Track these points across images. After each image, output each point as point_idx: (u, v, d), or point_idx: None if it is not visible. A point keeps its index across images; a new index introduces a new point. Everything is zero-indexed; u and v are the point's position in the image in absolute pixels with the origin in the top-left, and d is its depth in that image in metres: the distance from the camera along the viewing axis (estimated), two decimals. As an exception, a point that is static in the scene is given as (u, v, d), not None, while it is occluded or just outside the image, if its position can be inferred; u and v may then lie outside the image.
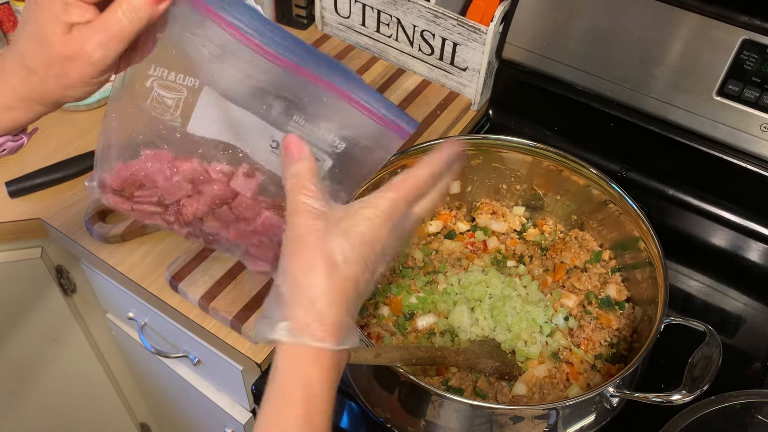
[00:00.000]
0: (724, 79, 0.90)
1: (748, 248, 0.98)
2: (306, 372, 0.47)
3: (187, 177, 0.55)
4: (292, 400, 0.46)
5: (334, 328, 0.47)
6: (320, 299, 0.47)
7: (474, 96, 1.11)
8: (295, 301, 0.47)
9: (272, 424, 0.47)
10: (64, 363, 1.24)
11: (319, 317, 0.47)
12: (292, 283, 0.48)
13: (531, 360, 0.79)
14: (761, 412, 0.72)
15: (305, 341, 0.47)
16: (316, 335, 0.47)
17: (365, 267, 0.49)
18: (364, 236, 0.48)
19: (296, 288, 0.47)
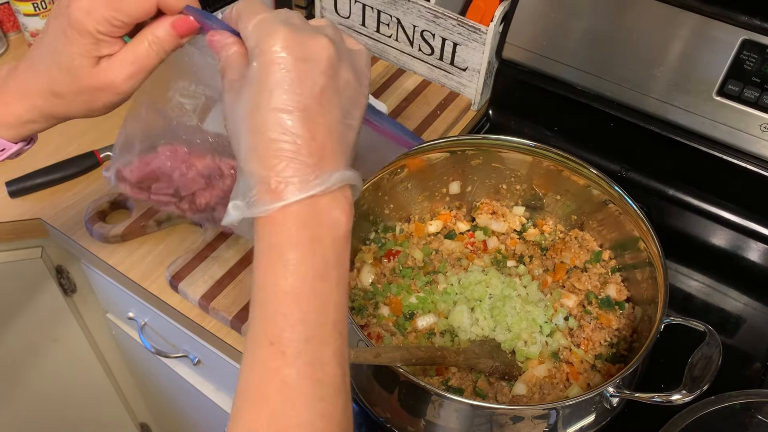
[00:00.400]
0: (724, 79, 0.90)
1: (748, 248, 0.98)
2: (294, 237, 0.40)
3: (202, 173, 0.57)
4: (326, 276, 0.41)
5: (319, 161, 0.40)
6: (273, 135, 0.40)
7: (474, 96, 1.11)
8: (254, 156, 0.40)
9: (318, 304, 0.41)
10: (64, 363, 1.24)
11: (284, 158, 0.40)
12: (241, 141, 0.41)
13: (531, 360, 0.79)
14: (761, 412, 0.72)
15: (283, 200, 0.40)
16: (301, 179, 0.40)
17: (309, 82, 0.41)
18: (261, 69, 0.41)
19: (250, 139, 0.41)
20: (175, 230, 0.93)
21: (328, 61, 0.42)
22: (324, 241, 0.41)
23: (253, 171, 0.41)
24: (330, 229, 0.41)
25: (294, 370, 0.39)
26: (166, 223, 0.92)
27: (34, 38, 1.16)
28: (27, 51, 1.18)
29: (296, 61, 0.41)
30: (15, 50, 1.20)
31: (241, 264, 0.87)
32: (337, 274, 0.42)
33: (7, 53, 1.19)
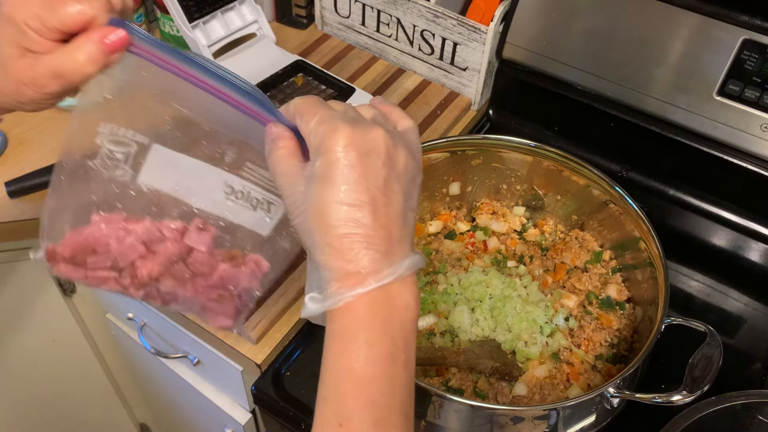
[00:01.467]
0: (724, 79, 0.90)
1: (748, 248, 0.98)
2: (360, 326, 0.42)
3: (140, 238, 0.53)
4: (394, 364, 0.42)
5: (389, 248, 0.43)
6: (346, 230, 0.42)
7: (474, 96, 1.11)
8: (329, 250, 0.42)
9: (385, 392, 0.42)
10: (64, 363, 1.24)
11: (358, 250, 0.42)
12: (317, 234, 0.43)
13: (531, 360, 0.79)
14: (762, 412, 0.72)
15: (360, 288, 0.42)
16: (375, 269, 0.42)
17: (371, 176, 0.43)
18: (330, 165, 0.43)
19: (324, 234, 0.42)
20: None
21: (386, 152, 0.44)
22: (395, 324, 0.43)
23: (329, 263, 0.43)
24: (401, 312, 0.44)
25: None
26: (166, 223, 0.92)
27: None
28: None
29: (360, 156, 0.43)
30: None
31: (240, 264, 0.87)
32: (405, 356, 0.43)
33: (6, 53, 1.19)
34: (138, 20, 1.16)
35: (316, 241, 0.43)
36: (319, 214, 0.43)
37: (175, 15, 0.97)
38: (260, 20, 1.06)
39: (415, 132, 0.49)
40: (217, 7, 1.00)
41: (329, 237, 0.42)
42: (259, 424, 1.04)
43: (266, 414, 0.84)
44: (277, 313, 0.84)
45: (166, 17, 1.16)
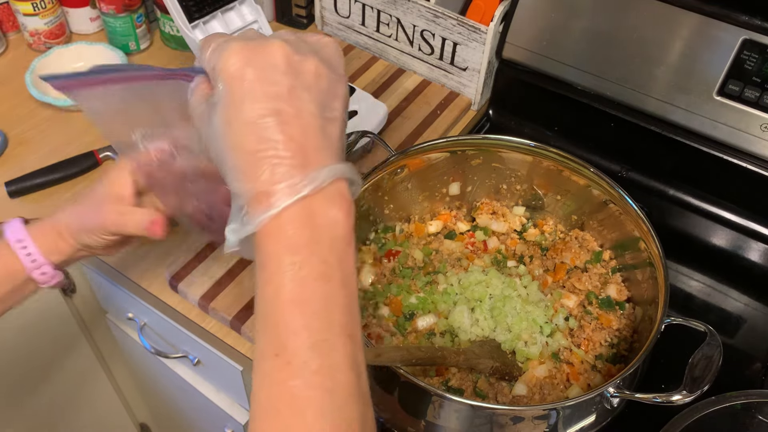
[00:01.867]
0: (724, 79, 0.90)
1: (748, 248, 0.98)
2: (292, 241, 0.39)
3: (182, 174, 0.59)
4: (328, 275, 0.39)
5: (304, 161, 0.39)
6: (250, 147, 0.39)
7: (474, 96, 1.11)
8: (237, 168, 0.40)
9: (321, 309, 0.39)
10: (63, 363, 1.24)
11: (267, 167, 0.39)
12: (226, 155, 0.41)
13: (531, 360, 0.79)
14: (762, 412, 0.72)
15: (273, 209, 0.39)
16: (288, 183, 0.39)
17: (275, 80, 0.41)
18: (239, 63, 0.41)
19: (231, 158, 0.40)
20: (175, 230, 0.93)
21: (285, 61, 0.41)
22: (322, 242, 0.40)
23: (241, 188, 0.40)
24: (328, 228, 0.40)
25: (301, 381, 0.37)
26: (166, 223, 0.92)
27: (33, 38, 1.16)
28: (26, 51, 1.18)
29: (255, 70, 0.40)
30: (14, 50, 1.19)
31: (241, 264, 0.87)
32: (341, 274, 0.40)
33: (6, 53, 1.19)
34: (138, 20, 1.16)
35: (227, 167, 0.41)
36: (223, 139, 0.40)
37: (175, 15, 0.97)
38: (260, 20, 1.06)
39: (332, 47, 0.46)
40: (217, 7, 1.00)
41: (235, 158, 0.40)
42: (259, 424, 1.03)
43: (266, 414, 0.84)
44: (277, 313, 0.84)
45: (166, 17, 1.16)
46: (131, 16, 1.15)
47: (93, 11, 1.20)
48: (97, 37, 1.22)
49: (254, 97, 0.40)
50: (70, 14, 1.20)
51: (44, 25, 1.15)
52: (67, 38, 1.20)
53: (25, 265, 0.62)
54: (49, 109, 1.08)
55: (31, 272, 0.62)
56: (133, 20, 1.15)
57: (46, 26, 1.15)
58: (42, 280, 0.63)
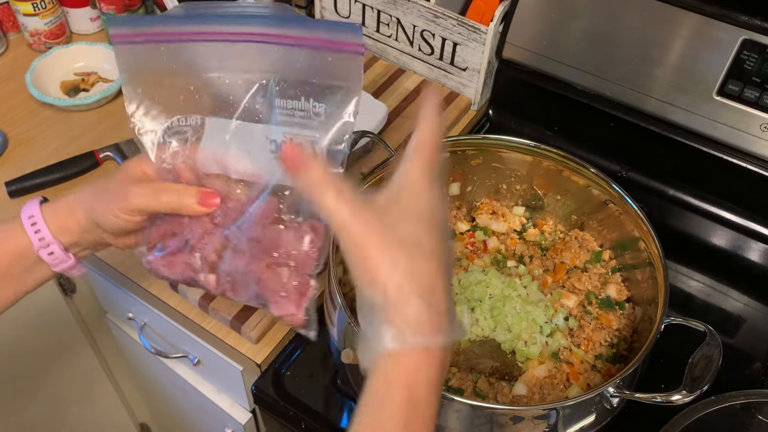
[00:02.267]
0: (724, 79, 0.90)
1: (748, 248, 0.98)
2: (412, 378, 0.43)
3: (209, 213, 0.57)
4: (392, 405, 0.42)
5: (440, 318, 0.43)
6: (415, 289, 0.42)
7: (474, 96, 1.11)
8: (390, 302, 0.42)
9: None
10: (63, 363, 1.24)
11: (422, 310, 0.42)
12: (377, 287, 0.43)
13: (531, 360, 0.79)
14: (761, 412, 0.72)
15: (416, 342, 0.42)
16: (426, 331, 0.42)
17: (438, 238, 0.45)
18: (420, 209, 0.45)
19: (385, 289, 0.43)
20: (175, 230, 0.93)
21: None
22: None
23: (412, 312, 0.43)
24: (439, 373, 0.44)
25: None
26: (166, 223, 0.92)
27: (33, 38, 1.16)
28: (26, 51, 1.18)
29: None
30: (15, 50, 1.20)
31: (241, 264, 0.87)
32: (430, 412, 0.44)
33: (6, 53, 1.19)
34: (138, 20, 1.16)
35: (403, 289, 0.43)
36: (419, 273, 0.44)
37: (176, 15, 0.97)
38: (260, 20, 1.06)
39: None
40: (217, 7, 1.00)
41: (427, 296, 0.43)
42: (259, 423, 1.04)
43: (266, 414, 0.84)
44: (277, 313, 0.84)
45: (167, 17, 1.16)
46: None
47: (93, 11, 1.20)
48: (98, 37, 1.22)
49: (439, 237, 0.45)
50: (71, 14, 1.20)
51: (44, 25, 1.15)
52: (67, 38, 1.20)
53: (33, 242, 0.60)
54: (49, 109, 1.08)
55: (39, 251, 0.60)
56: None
57: (47, 26, 1.15)
58: (50, 261, 0.61)
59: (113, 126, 1.06)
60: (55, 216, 0.61)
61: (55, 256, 0.61)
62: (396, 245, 0.43)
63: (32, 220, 0.60)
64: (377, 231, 0.43)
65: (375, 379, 0.43)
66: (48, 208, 0.61)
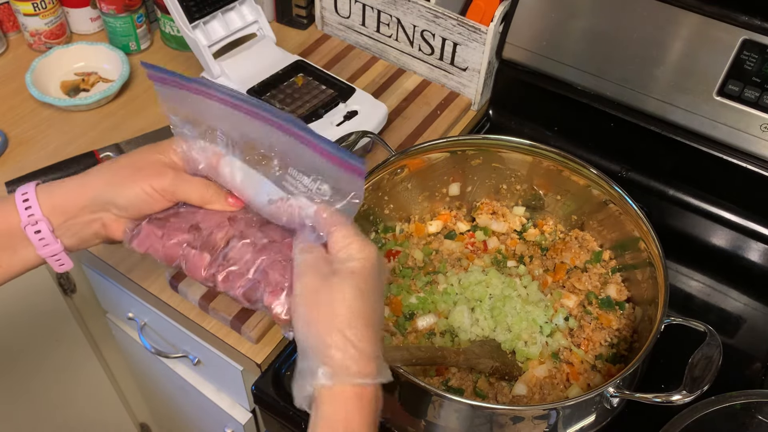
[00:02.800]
0: (724, 79, 0.90)
1: (748, 248, 0.98)
2: (347, 414, 0.49)
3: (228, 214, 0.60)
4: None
5: (369, 362, 0.50)
6: (351, 337, 0.49)
7: (474, 96, 1.11)
8: (325, 345, 0.49)
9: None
10: (64, 363, 1.24)
11: (353, 354, 0.49)
12: (317, 330, 0.50)
13: (531, 360, 0.79)
14: (761, 412, 0.72)
15: (346, 380, 0.49)
16: (357, 372, 0.49)
17: (378, 296, 0.53)
18: (363, 271, 0.52)
19: (324, 333, 0.50)
20: (175, 230, 0.93)
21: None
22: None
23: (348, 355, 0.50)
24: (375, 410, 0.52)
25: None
26: (166, 223, 0.92)
27: (33, 38, 1.16)
28: (26, 51, 1.18)
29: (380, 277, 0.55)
30: (15, 50, 1.20)
31: (241, 264, 0.87)
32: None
33: (6, 53, 1.19)
34: (138, 20, 1.16)
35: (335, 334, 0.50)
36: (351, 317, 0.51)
37: (176, 15, 0.97)
38: (260, 20, 1.06)
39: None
40: (218, 7, 1.00)
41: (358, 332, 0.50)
42: (259, 423, 1.04)
43: (266, 414, 0.84)
44: (278, 313, 0.84)
45: (167, 17, 1.16)
46: (132, 16, 1.15)
47: (93, 11, 1.20)
48: (98, 38, 1.22)
49: (377, 296, 0.53)
50: (71, 14, 1.20)
51: (44, 25, 1.15)
52: (67, 38, 1.20)
53: (21, 218, 0.58)
54: (49, 109, 1.08)
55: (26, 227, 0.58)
56: (133, 20, 1.15)
57: (47, 26, 1.15)
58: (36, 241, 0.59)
59: (113, 126, 1.06)
60: (50, 195, 0.59)
61: (41, 235, 0.59)
62: (340, 299, 0.50)
63: (25, 196, 0.59)
64: (328, 283, 0.51)
65: (316, 420, 0.49)
66: (44, 188, 0.60)
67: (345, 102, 1.00)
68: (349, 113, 0.98)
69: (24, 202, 0.59)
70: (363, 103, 1.00)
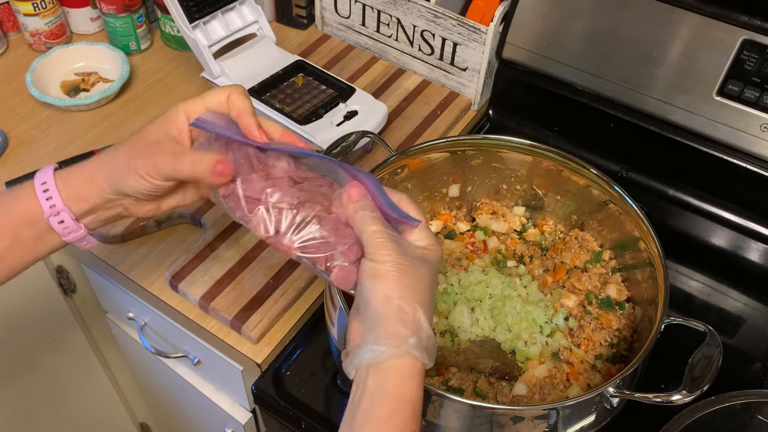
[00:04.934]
0: (724, 79, 0.90)
1: (748, 248, 0.98)
2: (419, 388, 0.52)
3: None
4: (403, 416, 0.50)
5: (429, 342, 0.52)
6: (423, 316, 0.52)
7: (474, 96, 1.11)
8: (410, 318, 0.51)
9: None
10: (64, 363, 1.24)
11: (423, 330, 0.52)
12: (400, 302, 0.52)
13: (531, 360, 0.79)
14: (761, 412, 0.72)
15: (414, 352, 0.51)
16: (422, 348, 0.51)
17: (435, 286, 0.56)
18: (434, 263, 0.56)
19: (408, 306, 0.52)
20: (175, 230, 0.93)
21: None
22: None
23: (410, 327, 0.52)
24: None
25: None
26: (166, 223, 0.92)
27: (33, 38, 1.16)
28: (26, 51, 1.18)
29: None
30: (15, 50, 1.20)
31: (241, 264, 0.87)
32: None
33: (7, 53, 1.19)
34: (138, 20, 1.16)
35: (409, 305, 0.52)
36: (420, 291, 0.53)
37: (176, 15, 0.97)
38: (260, 20, 1.06)
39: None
40: (218, 7, 1.00)
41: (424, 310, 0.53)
42: (259, 423, 1.04)
43: (266, 414, 0.84)
44: (278, 313, 0.84)
45: (167, 17, 1.16)
46: (131, 17, 1.15)
47: (93, 11, 1.20)
48: (98, 38, 1.22)
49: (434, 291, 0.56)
50: (71, 14, 1.20)
51: (45, 25, 1.15)
52: (67, 38, 1.20)
53: (44, 209, 0.58)
54: (49, 109, 1.08)
55: (49, 218, 0.59)
56: (133, 20, 1.15)
57: (47, 26, 1.15)
58: (60, 230, 0.60)
59: (113, 126, 1.06)
60: (68, 184, 0.59)
61: (65, 224, 0.60)
62: (416, 278, 0.53)
63: (44, 186, 0.59)
64: (403, 261, 0.53)
65: (384, 393, 0.51)
66: (62, 175, 0.60)
67: (345, 102, 1.00)
68: (349, 113, 0.98)
69: (44, 192, 0.59)
70: (363, 103, 1.00)
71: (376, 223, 0.55)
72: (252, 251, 0.88)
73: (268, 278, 0.86)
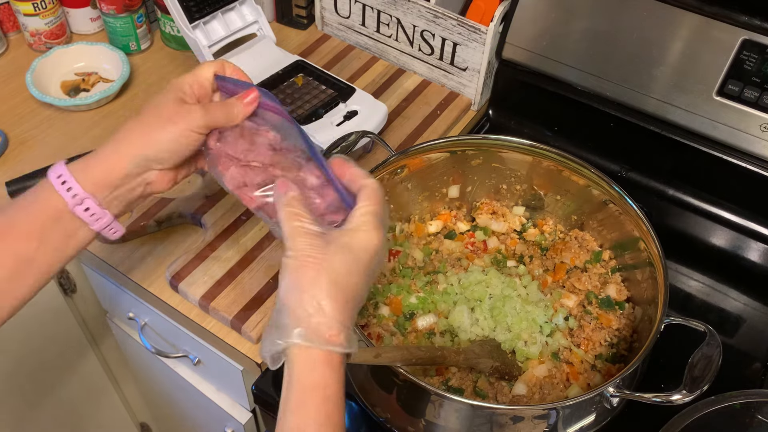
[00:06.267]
0: (724, 79, 0.90)
1: (748, 248, 0.98)
2: (323, 375, 0.52)
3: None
4: (313, 404, 0.51)
5: (341, 331, 0.52)
6: (329, 306, 0.52)
7: (474, 96, 1.11)
8: (303, 309, 0.52)
9: (296, 429, 0.51)
10: (63, 363, 1.24)
11: (329, 322, 0.52)
12: (299, 294, 0.52)
13: (531, 360, 0.79)
14: (761, 412, 0.73)
15: (319, 345, 0.51)
16: (328, 339, 0.51)
17: (368, 278, 0.55)
18: (359, 250, 0.55)
19: (305, 297, 0.52)
20: (175, 230, 0.93)
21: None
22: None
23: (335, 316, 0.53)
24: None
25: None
26: (167, 223, 0.92)
27: (34, 38, 1.16)
28: (26, 51, 1.19)
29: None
30: (15, 50, 1.20)
31: (241, 264, 0.87)
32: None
33: (7, 53, 1.19)
34: (138, 20, 1.16)
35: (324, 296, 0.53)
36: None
37: (176, 15, 0.97)
38: (260, 20, 1.06)
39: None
40: (218, 7, 1.00)
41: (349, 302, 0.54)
42: (259, 423, 1.04)
43: (267, 413, 0.84)
44: (278, 313, 0.84)
45: (167, 17, 1.16)
46: (132, 17, 1.15)
47: (93, 11, 1.20)
48: (98, 38, 1.22)
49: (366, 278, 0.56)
50: (71, 14, 1.20)
51: (45, 25, 1.15)
52: (67, 38, 1.20)
53: (66, 201, 0.58)
54: (49, 109, 1.08)
55: (74, 208, 0.58)
56: (133, 20, 1.15)
57: (47, 26, 1.15)
58: (87, 218, 0.59)
59: (113, 126, 1.06)
60: (86, 171, 0.59)
61: (91, 211, 0.59)
62: (326, 268, 0.53)
63: (62, 179, 0.58)
64: (318, 251, 0.53)
65: (291, 379, 0.52)
66: (76, 166, 0.59)
67: (345, 102, 1.00)
68: (349, 113, 0.98)
69: (63, 184, 0.58)
70: (363, 103, 1.00)
71: (295, 218, 0.55)
72: (252, 251, 0.89)
73: (268, 278, 0.86)
